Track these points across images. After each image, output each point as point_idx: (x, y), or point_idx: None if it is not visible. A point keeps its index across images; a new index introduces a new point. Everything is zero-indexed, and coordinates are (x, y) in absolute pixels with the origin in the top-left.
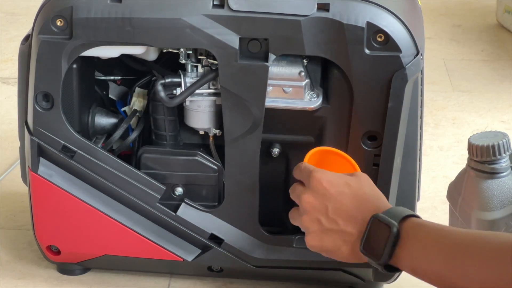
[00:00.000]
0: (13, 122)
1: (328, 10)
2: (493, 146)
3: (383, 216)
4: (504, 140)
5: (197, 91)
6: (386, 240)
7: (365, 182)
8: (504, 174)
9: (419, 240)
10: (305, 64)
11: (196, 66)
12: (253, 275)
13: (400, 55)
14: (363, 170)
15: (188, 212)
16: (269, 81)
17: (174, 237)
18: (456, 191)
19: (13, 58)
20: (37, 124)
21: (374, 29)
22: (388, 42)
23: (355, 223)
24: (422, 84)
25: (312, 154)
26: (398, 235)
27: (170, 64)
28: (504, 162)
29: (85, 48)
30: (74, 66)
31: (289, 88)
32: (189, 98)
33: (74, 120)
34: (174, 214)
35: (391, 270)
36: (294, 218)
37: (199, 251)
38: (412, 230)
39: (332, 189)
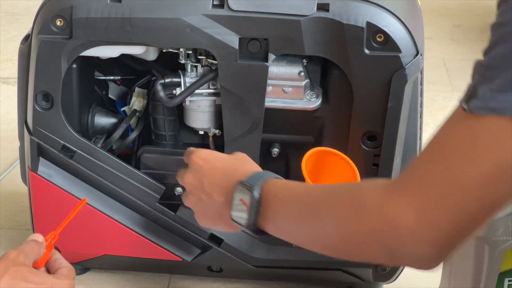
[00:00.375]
0: (13, 122)
1: (328, 10)
2: None
3: (245, 181)
4: None
5: (197, 91)
6: (250, 203)
7: (239, 157)
8: None
9: (280, 198)
10: (305, 64)
11: (196, 66)
12: (252, 275)
13: (400, 55)
14: (362, 170)
15: (187, 212)
16: (268, 81)
17: (174, 237)
18: None
19: (13, 58)
20: (36, 124)
21: (374, 29)
22: (388, 42)
23: (225, 193)
24: (421, 84)
25: (310, 154)
26: (259, 197)
27: (169, 64)
28: None
29: (85, 48)
30: (74, 66)
31: (288, 88)
32: (188, 98)
33: (73, 120)
34: (174, 214)
35: (262, 234)
36: (184, 200)
37: (198, 251)
38: (273, 191)
39: (206, 165)
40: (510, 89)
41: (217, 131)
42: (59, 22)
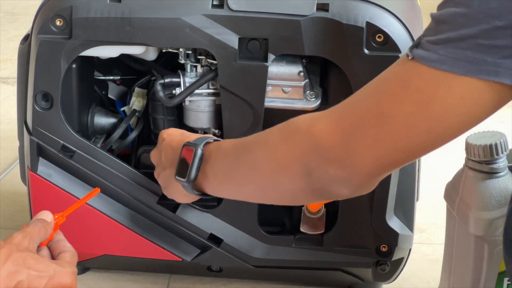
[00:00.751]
0: (13, 122)
1: (327, 10)
2: (490, 146)
3: (190, 142)
4: (501, 140)
5: (197, 91)
6: (192, 159)
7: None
8: (502, 173)
9: (220, 149)
10: (305, 64)
11: (196, 66)
12: (252, 275)
13: (400, 55)
14: None
15: (187, 212)
16: (268, 81)
17: (173, 237)
18: (454, 191)
19: (13, 58)
20: (36, 124)
21: (373, 29)
22: (388, 42)
23: (174, 159)
24: None
25: None
26: (202, 153)
27: (169, 64)
28: (501, 162)
29: (85, 47)
30: (74, 66)
31: (288, 88)
32: (188, 98)
33: (73, 120)
34: (173, 214)
35: (203, 194)
36: (155, 175)
37: (198, 251)
38: (215, 146)
39: (167, 139)
40: (448, 44)
41: (216, 131)
42: (58, 22)
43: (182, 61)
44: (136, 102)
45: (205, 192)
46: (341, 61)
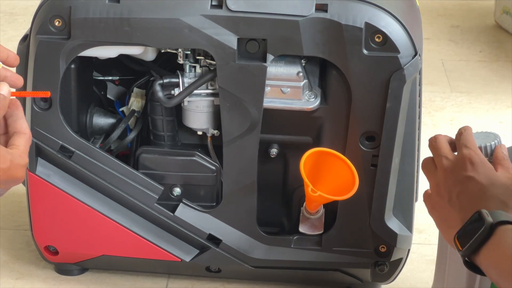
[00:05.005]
0: None
1: (326, 11)
2: (485, 147)
3: (486, 212)
4: (495, 141)
5: (195, 92)
6: (477, 234)
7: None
8: None
9: (503, 247)
10: (303, 64)
11: (194, 67)
12: (251, 276)
13: (398, 55)
14: (361, 171)
15: (186, 213)
16: (267, 82)
17: (172, 237)
18: None
19: None
20: (35, 124)
21: (372, 30)
22: (386, 42)
23: (466, 212)
24: (420, 84)
25: (308, 155)
26: (489, 233)
27: (168, 64)
28: None
29: (83, 48)
30: (72, 66)
31: (287, 88)
32: (187, 99)
33: (72, 120)
34: (172, 214)
35: (473, 269)
36: (425, 167)
37: (197, 251)
38: (504, 235)
39: (476, 174)
40: None
41: (215, 131)
42: (57, 22)
43: (181, 62)
44: (135, 103)
45: (477, 265)
46: (340, 62)
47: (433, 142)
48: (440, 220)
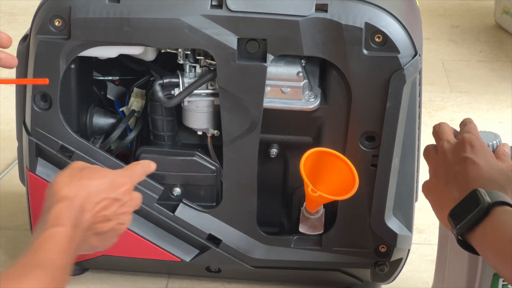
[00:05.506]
0: (12, 122)
1: (326, 11)
2: (486, 145)
3: (483, 192)
4: (495, 141)
5: (195, 92)
6: (472, 213)
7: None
8: None
9: (498, 227)
10: (303, 64)
11: (194, 67)
12: (251, 276)
13: (398, 55)
14: (361, 171)
15: (186, 213)
16: (267, 82)
17: (172, 237)
18: None
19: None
20: (35, 124)
21: (372, 30)
22: (386, 42)
23: (462, 191)
24: (420, 84)
25: (308, 155)
26: (485, 213)
27: (168, 64)
28: None
29: (83, 48)
30: (72, 66)
31: (287, 88)
32: (187, 99)
33: (72, 120)
34: (172, 214)
35: (466, 247)
36: (426, 153)
37: (197, 251)
38: (501, 216)
39: (475, 156)
40: None
41: (215, 131)
42: (57, 22)
43: (181, 62)
44: (135, 103)
45: (470, 244)
46: (340, 62)
47: (437, 128)
48: (435, 201)
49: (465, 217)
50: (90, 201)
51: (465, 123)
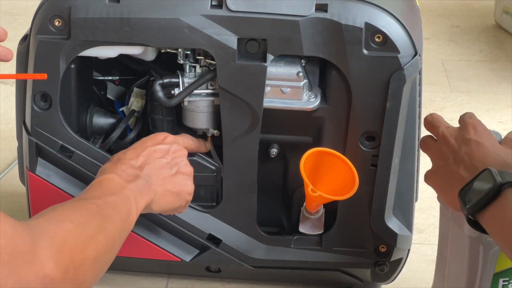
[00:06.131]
0: (11, 122)
1: (326, 11)
2: None
3: (494, 171)
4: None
5: (195, 92)
6: (487, 192)
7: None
8: None
9: (510, 209)
10: (303, 64)
11: (194, 67)
12: (251, 276)
13: (398, 55)
14: (361, 171)
15: (186, 212)
16: (267, 82)
17: (172, 237)
18: None
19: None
20: (35, 124)
21: (372, 30)
22: (386, 42)
23: (472, 170)
24: (420, 84)
25: (308, 155)
26: (496, 193)
27: (168, 64)
28: None
29: (83, 48)
30: (72, 66)
31: (287, 88)
32: (187, 99)
33: (72, 120)
34: (172, 214)
35: (476, 227)
36: (423, 144)
37: (197, 251)
38: (511, 197)
39: (479, 138)
40: None
41: (215, 131)
42: (57, 22)
43: (181, 62)
44: (135, 103)
45: (480, 223)
46: (340, 62)
47: (429, 118)
48: (443, 184)
49: (478, 196)
50: (134, 152)
51: (465, 113)
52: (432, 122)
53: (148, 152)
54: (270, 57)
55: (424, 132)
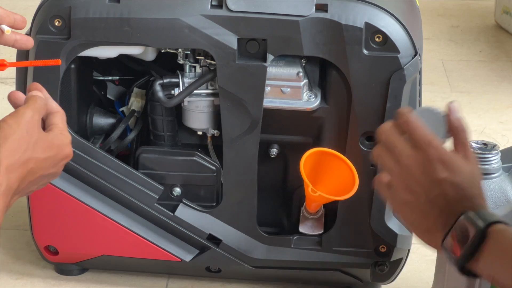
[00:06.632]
0: None
1: (326, 11)
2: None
3: (473, 215)
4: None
5: (195, 92)
6: (470, 241)
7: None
8: (495, 174)
9: (502, 248)
10: (303, 64)
11: (194, 67)
12: (251, 276)
13: (398, 55)
14: (361, 171)
15: (186, 213)
16: (267, 82)
17: (172, 237)
18: None
19: (11, 58)
20: None
21: (372, 30)
22: (387, 42)
23: (447, 215)
24: (420, 84)
25: (308, 155)
26: (482, 237)
27: (168, 64)
28: (495, 163)
29: (83, 48)
30: (72, 66)
31: (287, 88)
32: (187, 99)
33: (72, 120)
34: (172, 214)
35: (468, 274)
36: (379, 158)
37: (197, 251)
38: (500, 236)
39: (450, 175)
40: None
41: (215, 131)
42: (57, 22)
43: (181, 62)
44: (135, 103)
45: (471, 270)
46: (340, 62)
47: (381, 134)
48: (414, 220)
49: (463, 245)
50: None
51: (405, 121)
52: (384, 141)
53: None
54: (270, 57)
55: None
